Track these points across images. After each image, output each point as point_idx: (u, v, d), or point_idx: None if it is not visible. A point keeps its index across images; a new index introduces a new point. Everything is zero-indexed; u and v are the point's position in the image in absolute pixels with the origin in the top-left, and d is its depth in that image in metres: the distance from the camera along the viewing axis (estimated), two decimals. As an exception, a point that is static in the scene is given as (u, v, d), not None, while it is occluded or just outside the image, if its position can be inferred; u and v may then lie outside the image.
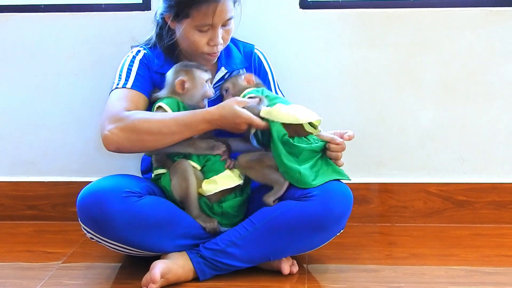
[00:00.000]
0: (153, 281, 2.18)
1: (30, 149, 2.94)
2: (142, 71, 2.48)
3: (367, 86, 2.83)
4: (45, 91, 2.89)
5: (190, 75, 2.39)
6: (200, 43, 2.40)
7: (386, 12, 2.78)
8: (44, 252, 2.62)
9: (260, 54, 2.63)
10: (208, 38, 2.40)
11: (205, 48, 2.42)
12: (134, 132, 2.30)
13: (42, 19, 2.83)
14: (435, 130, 2.85)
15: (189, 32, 2.39)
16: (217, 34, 2.39)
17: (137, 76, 2.45)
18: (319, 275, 2.37)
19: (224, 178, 2.34)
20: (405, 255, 2.54)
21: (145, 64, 2.49)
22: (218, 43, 2.40)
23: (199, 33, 2.39)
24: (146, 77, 2.48)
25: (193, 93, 2.39)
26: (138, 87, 2.44)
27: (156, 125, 2.29)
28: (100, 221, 2.21)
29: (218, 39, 2.40)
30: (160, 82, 2.48)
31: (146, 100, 2.45)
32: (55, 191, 2.94)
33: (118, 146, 2.31)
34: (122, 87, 2.43)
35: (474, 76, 2.80)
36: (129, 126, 2.30)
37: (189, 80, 2.38)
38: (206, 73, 2.42)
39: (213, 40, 2.40)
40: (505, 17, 2.75)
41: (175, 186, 2.32)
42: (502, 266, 2.43)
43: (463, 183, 2.86)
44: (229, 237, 2.29)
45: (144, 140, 2.30)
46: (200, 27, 2.37)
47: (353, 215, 2.35)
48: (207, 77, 2.41)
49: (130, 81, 2.44)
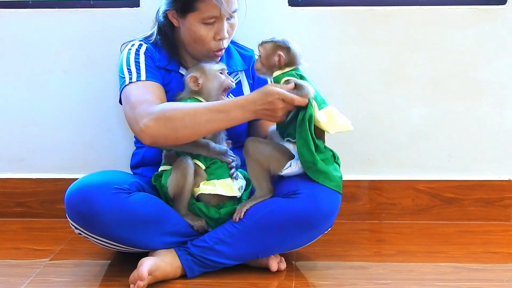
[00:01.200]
0: (141, 278, 2.17)
1: (18, 145, 2.93)
2: (150, 62, 2.46)
3: (356, 84, 2.83)
4: (34, 87, 2.88)
5: (201, 69, 2.39)
6: (206, 37, 2.40)
7: (375, 10, 2.79)
8: (32, 249, 2.61)
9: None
10: (214, 32, 2.40)
11: (212, 43, 2.41)
12: (168, 124, 2.25)
13: (30, 15, 2.82)
14: (424, 127, 2.86)
15: (195, 26, 2.39)
16: (223, 27, 2.39)
17: (147, 68, 2.43)
18: (307, 272, 2.38)
19: (223, 185, 2.34)
20: (393, 252, 2.54)
21: (149, 56, 2.48)
22: (224, 36, 2.40)
23: (205, 26, 2.38)
24: (154, 68, 2.46)
25: (209, 87, 2.38)
26: (152, 77, 2.42)
27: (189, 114, 2.26)
28: (89, 217, 2.21)
29: (224, 32, 2.39)
30: (163, 77, 2.47)
31: (163, 89, 2.43)
32: (43, 188, 2.93)
33: (155, 139, 2.28)
34: (136, 80, 2.40)
35: (463, 74, 2.81)
36: (163, 118, 2.26)
37: (201, 75, 2.37)
38: (217, 64, 2.41)
39: (219, 34, 2.40)
40: (493, 15, 2.76)
41: (173, 181, 2.32)
42: (489, 263, 2.44)
43: (451, 180, 2.86)
44: (217, 234, 2.29)
45: (179, 131, 2.25)
46: (207, 19, 2.37)
47: (342, 212, 2.36)
48: (219, 67, 2.40)
49: (142, 74, 2.41)
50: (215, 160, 2.36)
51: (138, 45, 2.49)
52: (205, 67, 2.39)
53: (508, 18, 2.76)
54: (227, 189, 2.34)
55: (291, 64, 2.33)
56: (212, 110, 2.27)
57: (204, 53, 2.46)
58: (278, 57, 2.30)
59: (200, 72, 2.38)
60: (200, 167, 2.35)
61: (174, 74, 2.50)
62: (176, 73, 2.51)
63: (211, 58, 2.47)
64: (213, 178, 2.35)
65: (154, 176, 2.43)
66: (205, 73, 2.38)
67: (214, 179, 2.35)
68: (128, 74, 2.42)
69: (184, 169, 2.31)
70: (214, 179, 2.35)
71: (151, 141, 2.29)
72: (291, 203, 2.25)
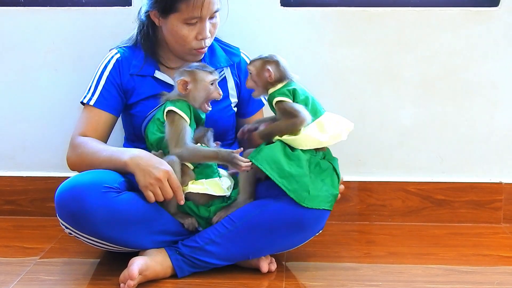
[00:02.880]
0: (131, 278, 2.17)
1: (8, 143, 2.92)
2: (110, 84, 2.50)
3: (347, 84, 2.84)
4: (25, 85, 2.87)
5: (193, 76, 2.36)
6: (188, 37, 2.41)
7: (367, 11, 2.79)
8: (22, 247, 2.60)
9: (246, 58, 2.63)
10: (196, 32, 2.40)
11: (193, 42, 2.42)
12: (80, 158, 2.41)
13: (22, 13, 2.82)
14: (415, 129, 2.86)
15: (177, 26, 2.39)
16: (205, 27, 2.40)
17: (102, 92, 2.49)
18: (297, 273, 2.38)
19: (212, 184, 2.34)
20: (383, 254, 2.55)
21: (117, 71, 2.50)
22: (206, 36, 2.41)
23: (187, 27, 2.39)
24: (113, 91, 2.50)
25: (195, 95, 2.36)
26: (101, 104, 2.48)
27: (90, 155, 2.38)
28: (79, 216, 2.20)
29: (206, 32, 2.40)
30: (135, 85, 2.48)
31: (109, 116, 2.50)
32: (33, 186, 2.93)
33: (73, 167, 2.46)
34: (87, 102, 2.49)
35: (454, 75, 2.82)
36: (76, 153, 2.42)
37: (191, 81, 2.35)
38: (211, 75, 2.37)
39: (201, 34, 2.40)
40: (484, 17, 2.76)
41: None
42: (479, 265, 2.44)
43: (442, 182, 2.87)
44: (208, 234, 2.29)
45: (85, 166, 2.38)
46: (188, 20, 2.37)
47: (332, 213, 2.36)
48: (211, 78, 2.37)
49: (94, 97, 2.49)
50: None
51: (110, 58, 2.53)
52: (198, 74, 2.36)
53: (500, 20, 2.77)
54: (215, 188, 2.34)
55: (282, 79, 2.34)
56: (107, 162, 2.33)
57: (186, 52, 2.46)
58: (268, 72, 2.32)
59: (191, 78, 2.35)
60: (189, 167, 2.34)
61: (148, 79, 2.52)
62: (150, 77, 2.52)
63: (194, 55, 2.48)
64: (201, 177, 2.35)
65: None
66: (196, 81, 2.36)
67: (203, 179, 2.34)
68: (87, 89, 2.52)
69: (172, 166, 2.30)
70: (203, 179, 2.34)
71: (72, 169, 2.47)
72: (282, 205, 2.25)
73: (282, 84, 2.34)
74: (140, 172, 2.25)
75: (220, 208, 2.33)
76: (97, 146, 2.40)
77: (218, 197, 2.35)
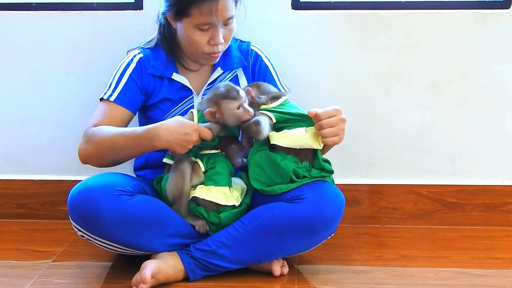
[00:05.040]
0: (144, 281, 2.18)
1: (20, 147, 2.93)
2: (132, 81, 2.49)
3: (357, 87, 2.83)
4: (36, 89, 2.88)
5: (218, 106, 2.33)
6: (200, 42, 2.39)
7: (377, 14, 2.78)
8: (34, 250, 2.61)
9: (256, 49, 2.62)
10: (209, 37, 2.39)
11: (206, 47, 2.41)
12: (95, 147, 2.36)
13: (33, 17, 2.82)
14: (425, 131, 2.86)
15: (190, 31, 2.39)
16: (218, 33, 2.38)
17: (123, 89, 2.47)
18: (309, 276, 2.38)
19: (219, 192, 2.33)
20: (395, 257, 2.54)
21: (139, 71, 2.50)
22: (218, 42, 2.39)
23: (199, 32, 2.38)
24: (134, 89, 2.49)
25: (225, 120, 2.34)
26: (121, 100, 2.46)
27: (108, 140, 2.34)
28: (91, 219, 2.21)
29: (219, 38, 2.39)
30: (155, 86, 2.48)
31: (127, 113, 2.48)
32: (45, 190, 2.93)
33: (87, 159, 2.42)
34: (107, 98, 2.46)
35: (464, 78, 2.81)
36: (91, 141, 2.37)
37: (218, 111, 2.33)
38: (235, 101, 2.32)
39: (214, 39, 2.39)
40: (494, 19, 2.76)
41: (171, 183, 2.32)
42: (492, 269, 2.44)
43: (453, 185, 2.86)
44: (220, 238, 2.29)
45: (102, 155, 2.36)
46: (201, 25, 2.36)
47: (343, 216, 2.35)
48: (236, 104, 2.33)
49: (115, 94, 2.46)
50: (215, 165, 2.35)
51: (132, 58, 2.52)
52: (222, 104, 2.33)
53: (511, 22, 2.75)
54: (222, 197, 2.33)
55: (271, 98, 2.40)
56: (127, 137, 2.31)
57: (199, 55, 2.46)
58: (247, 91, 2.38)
59: (216, 107, 2.33)
60: (200, 167, 2.35)
61: (165, 81, 2.52)
62: (168, 79, 2.52)
63: (206, 59, 2.47)
64: (210, 184, 2.34)
65: (155, 180, 2.43)
66: (221, 110, 2.33)
67: (211, 185, 2.34)
68: (108, 87, 2.49)
69: (183, 170, 2.31)
70: (211, 185, 2.34)
71: (84, 161, 2.43)
72: (295, 208, 2.25)
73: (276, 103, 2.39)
74: (176, 147, 2.27)
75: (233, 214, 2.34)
76: (114, 130, 2.36)
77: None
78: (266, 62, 2.61)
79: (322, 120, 2.25)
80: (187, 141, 2.26)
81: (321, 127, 2.26)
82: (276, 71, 2.62)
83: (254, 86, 2.43)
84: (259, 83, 2.46)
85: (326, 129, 2.26)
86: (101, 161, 2.39)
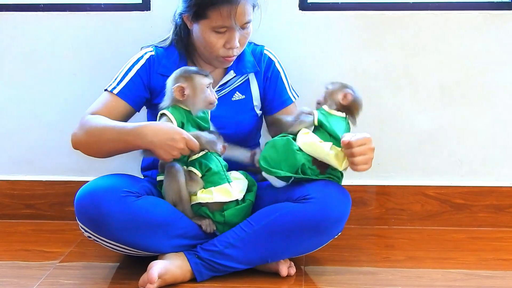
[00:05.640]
0: (151, 282, 2.18)
1: (28, 147, 2.94)
2: (138, 78, 2.48)
3: (365, 88, 2.81)
4: (44, 90, 2.89)
5: (190, 81, 2.33)
6: (216, 45, 2.39)
7: (385, 14, 2.78)
8: (41, 251, 2.61)
9: (270, 54, 2.62)
10: (225, 40, 2.39)
11: (221, 50, 2.41)
12: (86, 134, 2.35)
13: (41, 18, 2.83)
14: (433, 132, 2.85)
15: (206, 33, 2.38)
16: (234, 37, 2.38)
17: (128, 83, 2.47)
18: (316, 277, 2.37)
19: (221, 191, 2.32)
20: (403, 258, 2.54)
21: (147, 68, 2.49)
22: (234, 46, 2.39)
23: (215, 34, 2.38)
24: (139, 85, 2.48)
25: (194, 100, 2.34)
26: (124, 94, 2.46)
27: (99, 130, 2.33)
28: (98, 220, 2.21)
29: (235, 42, 2.38)
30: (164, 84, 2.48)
31: (128, 108, 2.47)
32: (52, 190, 2.94)
33: (76, 145, 2.39)
34: (110, 90, 2.45)
35: (472, 79, 2.81)
36: (84, 128, 2.36)
37: (188, 86, 2.33)
38: (206, 78, 2.35)
39: (230, 43, 2.38)
40: (503, 20, 2.75)
41: (167, 189, 2.31)
42: (500, 270, 2.43)
43: (461, 186, 2.86)
44: (227, 238, 2.29)
45: (91, 143, 2.35)
46: (217, 28, 2.36)
47: (351, 217, 2.35)
48: (207, 82, 2.34)
49: (119, 87, 2.46)
50: (210, 167, 2.33)
51: (142, 55, 2.51)
52: (195, 79, 2.34)
53: (520, 23, 2.76)
54: (224, 194, 2.33)
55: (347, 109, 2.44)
56: (117, 131, 2.30)
57: (213, 58, 2.45)
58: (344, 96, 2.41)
59: (188, 83, 2.33)
60: (197, 174, 2.34)
61: None
62: None
63: (221, 62, 2.47)
64: (210, 186, 2.33)
65: (158, 182, 2.42)
66: (193, 86, 2.33)
67: (211, 187, 2.33)
68: (114, 79, 2.49)
69: (174, 174, 2.30)
70: (211, 187, 2.33)
71: (74, 147, 2.40)
72: (301, 208, 2.25)
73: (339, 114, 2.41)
74: (159, 150, 2.25)
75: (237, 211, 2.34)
76: (107, 122, 2.35)
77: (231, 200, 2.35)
78: (278, 68, 2.61)
79: (353, 148, 2.26)
80: (171, 147, 2.24)
81: (352, 155, 2.26)
82: (287, 76, 2.62)
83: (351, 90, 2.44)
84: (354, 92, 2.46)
85: (357, 157, 2.26)
86: (88, 149, 2.37)
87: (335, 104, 2.41)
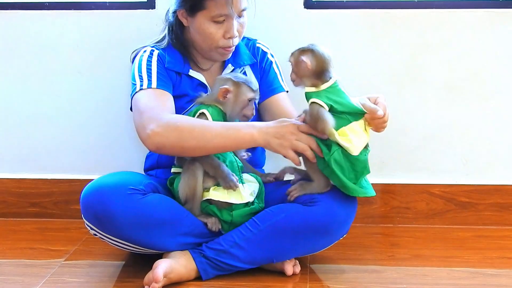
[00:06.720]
0: (156, 280, 2.17)
1: (32, 145, 2.94)
2: (161, 69, 2.47)
3: (370, 86, 2.83)
4: (49, 88, 2.89)
5: (236, 88, 2.35)
6: (216, 35, 2.41)
7: (389, 13, 2.78)
8: (47, 249, 2.62)
9: (263, 46, 2.64)
10: (224, 30, 2.40)
11: (221, 41, 2.42)
12: (176, 132, 2.27)
13: (46, 17, 2.83)
14: (438, 131, 2.85)
15: (204, 24, 2.40)
16: (233, 25, 2.40)
17: (158, 76, 2.44)
18: (321, 275, 2.37)
19: (233, 192, 2.32)
20: (408, 256, 2.54)
21: (162, 63, 2.49)
22: (233, 35, 2.41)
23: (214, 25, 2.39)
24: (166, 75, 2.47)
25: (233, 106, 2.36)
26: (163, 86, 2.43)
27: (199, 126, 2.27)
28: (104, 218, 2.21)
29: (234, 31, 2.40)
30: (175, 80, 2.48)
31: (172, 98, 2.45)
32: (57, 189, 2.94)
33: (159, 145, 2.28)
34: (147, 87, 2.41)
35: (477, 77, 2.80)
36: (173, 126, 2.27)
37: (233, 92, 2.34)
38: (252, 93, 2.36)
39: (229, 32, 2.40)
40: (508, 19, 2.75)
41: (183, 184, 2.32)
42: (505, 268, 2.43)
43: (466, 184, 2.85)
44: (233, 237, 2.29)
45: (186, 141, 2.25)
46: (216, 17, 2.37)
47: (356, 215, 2.36)
48: (251, 96, 2.35)
49: (153, 81, 2.42)
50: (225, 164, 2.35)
51: (150, 51, 2.50)
52: (242, 88, 2.35)
53: (525, 21, 2.76)
54: (236, 196, 2.33)
55: (322, 76, 2.26)
56: (222, 126, 2.29)
57: (213, 50, 2.46)
58: (303, 62, 2.23)
59: (234, 88, 2.35)
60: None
61: (183, 77, 2.51)
62: (186, 76, 2.52)
63: (221, 54, 2.48)
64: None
65: (169, 180, 2.43)
66: (238, 94, 2.35)
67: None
68: (139, 81, 2.43)
69: (194, 171, 2.31)
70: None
71: (157, 147, 2.29)
72: (308, 211, 2.26)
73: (325, 84, 2.26)
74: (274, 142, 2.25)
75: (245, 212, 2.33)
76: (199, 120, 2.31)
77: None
78: (271, 58, 2.64)
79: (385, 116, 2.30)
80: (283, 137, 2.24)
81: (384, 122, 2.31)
82: (279, 67, 2.63)
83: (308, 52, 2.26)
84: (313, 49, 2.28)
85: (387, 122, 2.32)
86: (180, 148, 2.27)
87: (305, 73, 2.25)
